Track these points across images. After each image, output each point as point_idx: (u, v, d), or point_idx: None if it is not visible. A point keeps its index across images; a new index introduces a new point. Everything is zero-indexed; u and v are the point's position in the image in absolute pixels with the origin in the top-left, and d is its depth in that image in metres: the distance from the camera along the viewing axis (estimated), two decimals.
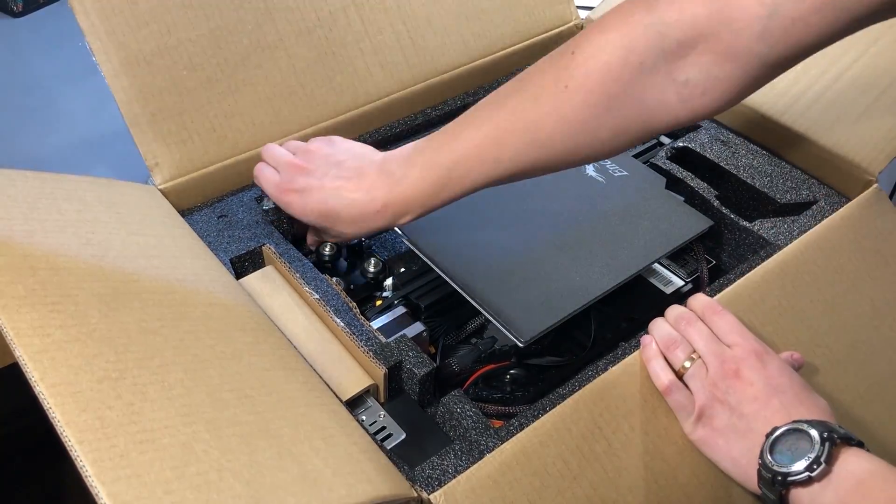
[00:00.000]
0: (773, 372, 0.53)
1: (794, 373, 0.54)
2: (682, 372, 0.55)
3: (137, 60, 0.67)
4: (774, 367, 0.53)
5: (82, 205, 0.57)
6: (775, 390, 0.52)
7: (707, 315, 0.58)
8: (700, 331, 0.56)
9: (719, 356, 0.54)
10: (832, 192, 0.75)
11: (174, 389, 0.44)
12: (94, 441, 0.38)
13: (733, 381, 0.53)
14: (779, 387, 0.52)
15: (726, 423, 0.52)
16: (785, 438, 0.48)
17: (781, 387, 0.52)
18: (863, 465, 0.46)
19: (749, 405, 0.52)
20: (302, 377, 0.54)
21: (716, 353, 0.54)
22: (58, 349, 0.42)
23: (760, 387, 0.52)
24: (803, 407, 0.51)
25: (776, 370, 0.53)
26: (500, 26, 0.88)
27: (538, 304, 0.64)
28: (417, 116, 0.84)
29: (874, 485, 0.45)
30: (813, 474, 0.46)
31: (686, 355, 0.55)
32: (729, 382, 0.53)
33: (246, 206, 0.71)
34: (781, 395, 0.51)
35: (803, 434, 0.48)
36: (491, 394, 0.65)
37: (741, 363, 0.53)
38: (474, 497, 0.49)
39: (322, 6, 0.76)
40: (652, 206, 0.74)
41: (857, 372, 0.61)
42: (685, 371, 0.55)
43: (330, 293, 0.63)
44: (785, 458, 0.47)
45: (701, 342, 0.55)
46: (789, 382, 0.52)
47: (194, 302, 0.53)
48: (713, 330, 0.56)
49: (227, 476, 0.41)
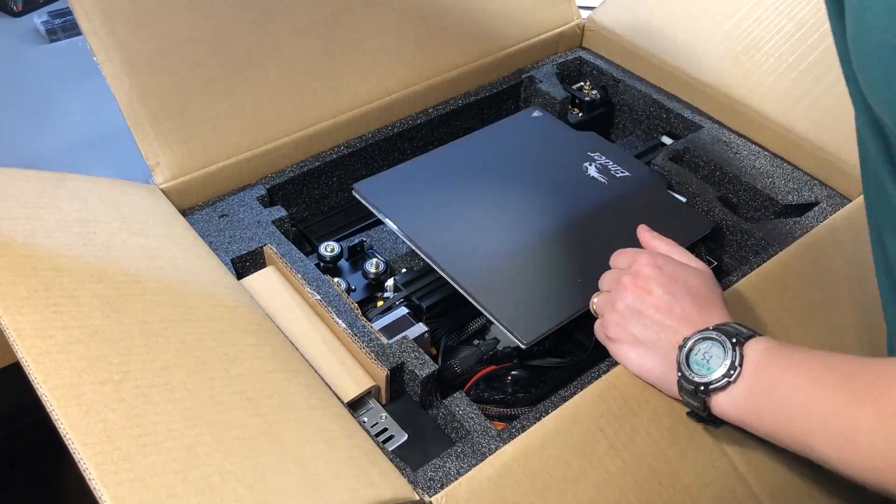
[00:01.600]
0: (668, 279, 0.55)
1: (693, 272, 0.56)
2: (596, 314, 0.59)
3: (138, 60, 0.67)
4: (670, 275, 0.55)
5: (84, 205, 0.57)
6: (673, 297, 0.54)
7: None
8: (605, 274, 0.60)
9: (617, 278, 0.57)
10: (834, 193, 0.75)
11: (177, 392, 0.44)
12: (97, 444, 0.38)
13: (632, 289, 0.55)
14: (676, 294, 0.54)
15: (635, 337, 0.55)
16: (697, 347, 0.51)
17: (679, 293, 0.54)
18: (759, 349, 0.50)
19: (652, 312, 0.54)
20: (304, 379, 0.54)
21: (614, 277, 0.58)
22: (60, 351, 0.42)
23: (659, 294, 0.54)
24: (705, 311, 0.54)
25: (671, 277, 0.55)
26: (500, 26, 0.88)
27: (540, 305, 0.64)
28: (417, 116, 0.83)
29: (766, 361, 0.49)
30: (731, 379, 0.49)
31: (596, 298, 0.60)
32: (629, 292, 0.55)
33: (247, 205, 0.71)
34: (681, 302, 0.54)
35: (712, 342, 0.51)
36: (493, 395, 0.64)
37: (638, 273, 0.56)
38: (476, 499, 0.49)
39: (322, 6, 0.76)
40: (654, 207, 0.74)
41: None
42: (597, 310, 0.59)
43: (331, 294, 0.63)
44: (702, 367, 0.50)
45: (605, 279, 0.59)
46: (684, 287, 0.55)
47: (196, 303, 0.53)
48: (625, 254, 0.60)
49: (229, 479, 0.41)
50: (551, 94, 0.88)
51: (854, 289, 0.65)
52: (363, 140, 0.80)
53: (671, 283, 0.55)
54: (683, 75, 0.85)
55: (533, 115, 0.85)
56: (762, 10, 0.84)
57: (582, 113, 0.90)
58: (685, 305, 0.54)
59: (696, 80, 0.84)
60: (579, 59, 0.94)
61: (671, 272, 0.56)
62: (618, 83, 0.91)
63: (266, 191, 0.74)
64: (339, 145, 0.79)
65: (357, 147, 0.79)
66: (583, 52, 0.95)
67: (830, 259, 0.66)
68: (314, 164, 0.77)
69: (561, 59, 0.93)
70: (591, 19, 0.94)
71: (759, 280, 0.63)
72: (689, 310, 0.54)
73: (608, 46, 0.93)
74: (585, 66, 0.94)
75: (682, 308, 0.54)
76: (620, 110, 0.92)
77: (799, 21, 0.81)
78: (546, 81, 0.89)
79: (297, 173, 0.76)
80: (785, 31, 0.82)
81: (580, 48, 0.96)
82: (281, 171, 0.76)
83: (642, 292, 0.55)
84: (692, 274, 0.56)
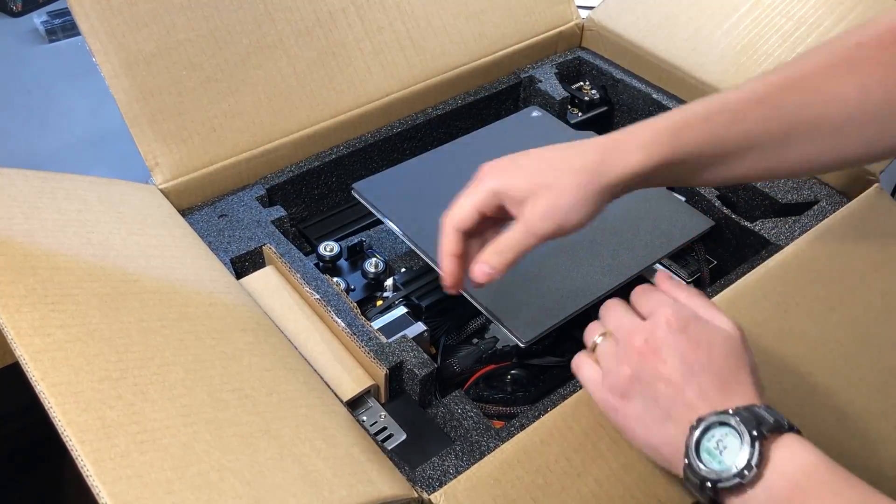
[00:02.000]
0: (690, 345, 0.45)
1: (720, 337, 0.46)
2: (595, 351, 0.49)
3: (137, 61, 0.67)
4: (693, 340, 0.45)
5: (83, 204, 0.57)
6: (691, 371, 0.44)
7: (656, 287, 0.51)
8: (616, 308, 0.50)
9: (630, 329, 0.47)
10: (833, 191, 0.75)
11: (175, 389, 0.44)
12: (95, 441, 0.38)
13: (644, 355, 0.46)
14: (695, 365, 0.45)
15: (641, 409, 0.46)
16: (710, 434, 0.43)
17: (699, 365, 0.45)
18: (797, 463, 0.42)
19: (663, 387, 0.45)
20: (302, 377, 0.54)
21: (626, 326, 0.48)
22: (58, 349, 0.42)
23: (675, 366, 0.45)
24: (728, 389, 0.44)
25: (695, 343, 0.45)
26: (500, 26, 0.88)
27: (539, 304, 0.64)
28: (417, 116, 0.84)
29: (810, 489, 0.41)
30: (745, 480, 0.41)
31: (597, 333, 0.49)
32: (639, 357, 0.46)
33: (246, 205, 0.71)
34: (700, 376, 0.44)
35: (730, 429, 0.42)
36: (492, 394, 0.65)
37: (653, 334, 0.46)
38: (475, 496, 0.49)
39: (322, 6, 0.76)
40: (653, 205, 0.74)
41: (871, 365, 0.61)
42: (595, 350, 0.49)
43: (330, 293, 0.63)
44: (713, 458, 0.42)
45: (614, 318, 0.49)
46: (708, 357, 0.45)
47: (195, 302, 0.53)
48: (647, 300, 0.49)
49: (227, 476, 0.41)
50: (550, 94, 0.88)
51: (855, 286, 0.65)
52: (362, 140, 0.80)
53: (692, 351, 0.45)
54: (683, 75, 0.85)
55: (532, 114, 0.85)
56: (761, 10, 0.84)
57: (581, 113, 0.91)
58: (703, 380, 0.44)
59: (696, 80, 0.84)
60: (578, 59, 0.94)
61: (695, 335, 0.46)
62: (617, 83, 0.91)
63: (265, 191, 0.74)
64: (338, 145, 0.79)
65: (356, 147, 0.79)
66: (582, 52, 0.95)
67: (830, 257, 0.66)
68: (313, 164, 0.77)
69: (560, 59, 0.93)
70: (591, 19, 0.94)
71: (758, 279, 0.63)
72: (708, 385, 0.44)
73: (607, 46, 0.93)
74: (585, 66, 0.94)
75: (699, 383, 0.44)
76: (620, 110, 0.92)
77: (798, 20, 0.82)
78: (545, 81, 0.89)
79: (296, 173, 0.76)
80: (784, 30, 0.82)
81: (579, 48, 0.96)
82: (280, 171, 0.76)
83: (655, 360, 0.45)
84: (719, 339, 0.46)
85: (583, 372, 0.49)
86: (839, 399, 0.58)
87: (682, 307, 0.47)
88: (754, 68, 0.81)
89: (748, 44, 0.83)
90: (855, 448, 0.56)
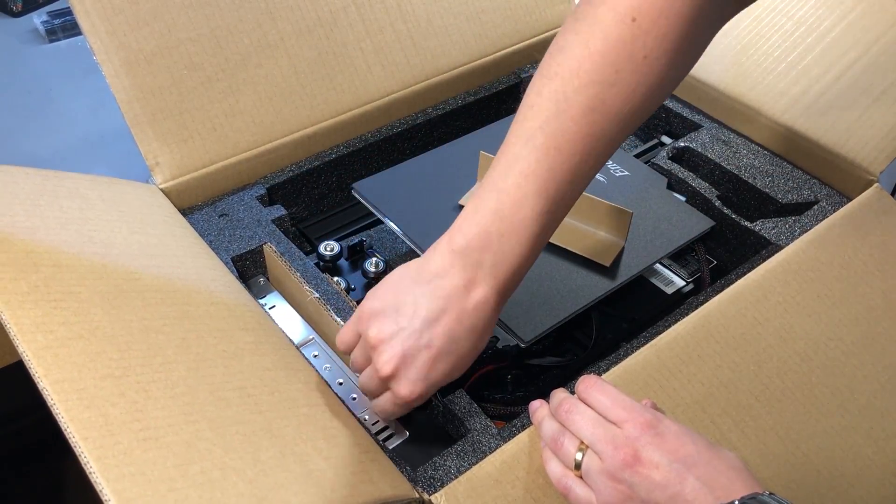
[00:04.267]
0: (673, 443, 0.45)
1: (693, 432, 0.47)
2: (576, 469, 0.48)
3: (138, 60, 0.67)
4: (673, 436, 0.46)
5: (84, 202, 0.57)
6: (685, 466, 0.44)
7: (586, 393, 0.50)
8: (583, 414, 0.49)
9: (611, 441, 0.46)
10: (833, 192, 0.75)
11: (177, 388, 0.44)
12: (98, 438, 0.38)
13: (635, 468, 0.45)
14: (687, 460, 0.44)
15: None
16: None
17: (690, 459, 0.44)
18: None
19: (662, 493, 0.44)
20: (304, 377, 0.54)
21: (605, 437, 0.47)
22: (61, 346, 0.42)
23: (667, 467, 0.44)
24: (723, 477, 0.44)
25: (676, 439, 0.45)
26: (500, 26, 0.88)
27: (539, 304, 0.64)
28: (417, 116, 0.84)
29: None
30: None
31: (575, 447, 0.48)
32: (631, 471, 0.45)
33: (247, 205, 0.71)
34: (694, 470, 0.44)
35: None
36: (492, 394, 0.65)
37: (636, 443, 0.45)
38: (476, 496, 0.49)
39: (322, 6, 0.76)
40: (653, 206, 0.74)
41: (876, 362, 0.61)
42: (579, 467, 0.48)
43: (331, 293, 0.63)
44: None
45: (586, 428, 0.48)
46: (695, 449, 0.45)
47: (196, 301, 0.53)
48: (596, 409, 0.49)
49: (230, 474, 0.41)
50: None
51: (856, 285, 0.65)
52: (362, 140, 0.80)
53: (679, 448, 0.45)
54: None
55: None
56: (761, 9, 0.84)
57: None
58: (701, 472, 0.44)
59: (696, 80, 0.84)
60: None
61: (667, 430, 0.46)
62: None
63: (266, 190, 0.74)
64: (338, 145, 0.79)
65: (356, 147, 0.80)
66: None
67: (831, 257, 0.66)
68: (314, 164, 0.77)
69: None
70: None
71: (759, 279, 0.63)
72: (706, 478, 0.44)
73: None
74: None
75: (696, 478, 0.44)
76: None
77: (798, 20, 0.82)
78: None
79: (296, 173, 0.76)
80: (784, 29, 0.82)
81: None
82: (280, 170, 0.76)
83: (647, 469, 0.44)
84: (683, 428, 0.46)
85: (575, 494, 0.48)
86: (842, 398, 0.58)
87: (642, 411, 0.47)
88: (754, 68, 0.81)
89: (748, 44, 0.83)
90: (859, 446, 0.57)
